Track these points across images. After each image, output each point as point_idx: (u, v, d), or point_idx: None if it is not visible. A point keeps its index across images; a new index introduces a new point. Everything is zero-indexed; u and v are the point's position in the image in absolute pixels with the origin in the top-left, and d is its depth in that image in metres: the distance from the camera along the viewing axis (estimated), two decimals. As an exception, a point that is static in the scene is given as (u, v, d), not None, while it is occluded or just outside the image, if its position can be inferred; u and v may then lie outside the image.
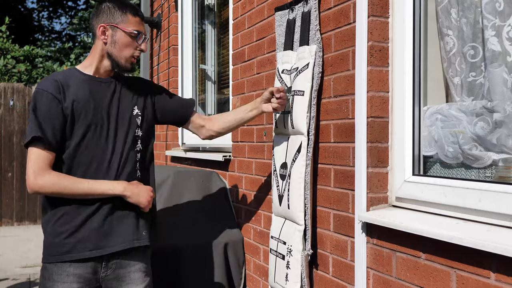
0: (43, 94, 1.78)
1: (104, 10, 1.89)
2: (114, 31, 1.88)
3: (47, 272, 1.81)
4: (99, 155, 1.84)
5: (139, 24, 1.92)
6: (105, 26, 1.87)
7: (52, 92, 1.78)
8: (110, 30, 1.88)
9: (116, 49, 1.88)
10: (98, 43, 1.89)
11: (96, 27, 1.89)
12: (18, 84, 6.20)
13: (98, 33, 1.88)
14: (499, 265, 1.24)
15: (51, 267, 1.80)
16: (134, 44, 1.90)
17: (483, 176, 1.52)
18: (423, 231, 1.43)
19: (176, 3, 4.19)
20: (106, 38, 1.88)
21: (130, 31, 1.89)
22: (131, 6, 1.93)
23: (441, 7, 1.68)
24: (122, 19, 1.88)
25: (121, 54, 1.89)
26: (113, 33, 1.88)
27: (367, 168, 1.71)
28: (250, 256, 2.65)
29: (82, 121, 1.82)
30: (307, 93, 1.96)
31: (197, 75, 4.14)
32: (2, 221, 6.58)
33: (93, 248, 1.82)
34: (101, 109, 1.86)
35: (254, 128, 2.62)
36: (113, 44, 1.88)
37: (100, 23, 1.88)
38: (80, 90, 1.84)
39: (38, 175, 1.74)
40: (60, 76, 1.85)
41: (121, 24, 1.88)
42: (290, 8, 2.17)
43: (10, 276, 4.60)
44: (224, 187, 2.93)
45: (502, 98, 1.44)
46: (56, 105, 1.78)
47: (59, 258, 1.79)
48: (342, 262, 1.84)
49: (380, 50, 1.73)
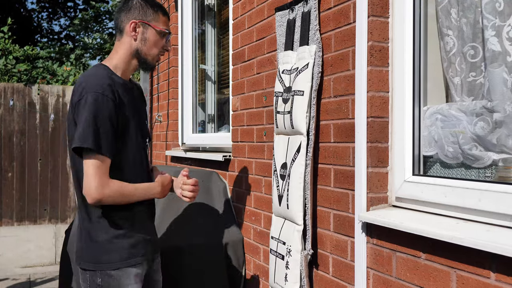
0: (104, 99, 1.70)
1: (136, 6, 1.86)
2: (145, 28, 1.86)
3: (113, 279, 1.78)
4: (137, 159, 1.87)
5: (167, 24, 1.94)
6: (137, 23, 1.84)
7: (111, 97, 1.72)
8: (141, 27, 1.85)
9: (146, 47, 1.87)
10: (126, 39, 1.86)
11: (126, 23, 1.85)
12: (18, 84, 6.19)
13: (128, 29, 1.85)
14: (499, 265, 1.24)
15: (117, 273, 1.78)
16: (161, 43, 1.91)
17: (483, 176, 1.52)
18: (423, 231, 1.42)
19: (176, 3, 4.18)
20: (136, 35, 1.85)
21: (161, 30, 1.89)
22: (160, 5, 1.94)
23: (441, 7, 1.68)
24: (153, 17, 1.87)
25: (150, 52, 1.88)
26: (144, 31, 1.86)
27: (367, 168, 1.71)
28: (250, 256, 2.65)
29: (130, 127, 1.82)
30: (306, 93, 1.96)
31: (197, 75, 4.14)
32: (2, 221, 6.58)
33: (153, 248, 1.94)
34: (137, 116, 1.89)
35: (254, 128, 2.62)
36: (143, 41, 1.87)
37: (131, 19, 1.85)
38: (124, 96, 1.81)
39: (105, 185, 1.69)
40: (108, 79, 1.76)
41: (152, 22, 1.87)
42: (290, 8, 2.17)
43: (10, 276, 4.60)
44: (224, 187, 2.93)
45: (502, 98, 1.44)
46: (114, 112, 1.73)
47: (127, 263, 1.79)
48: (342, 262, 1.84)
49: (380, 50, 1.73)
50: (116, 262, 1.78)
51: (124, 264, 1.79)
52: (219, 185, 2.92)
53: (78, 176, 1.79)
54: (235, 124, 2.86)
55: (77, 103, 1.72)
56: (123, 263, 1.78)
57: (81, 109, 1.70)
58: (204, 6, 4.11)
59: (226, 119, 3.57)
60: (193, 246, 2.54)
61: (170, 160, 4.20)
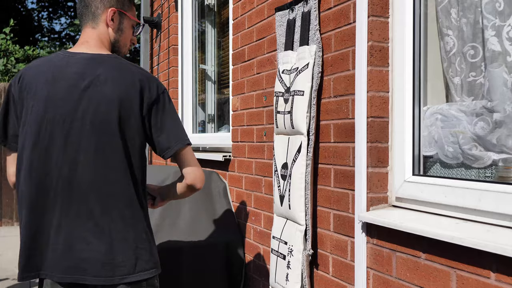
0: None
1: None
2: (122, 18, 1.73)
3: (156, 283, 1.65)
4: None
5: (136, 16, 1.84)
6: (115, 11, 1.70)
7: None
8: (118, 16, 1.72)
9: (122, 37, 1.76)
10: (103, 28, 1.69)
11: (103, 10, 1.68)
12: (18, 84, 6.20)
13: (106, 17, 1.68)
14: (499, 265, 1.24)
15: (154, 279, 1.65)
16: (131, 36, 1.81)
17: (483, 176, 1.52)
18: (423, 231, 1.43)
19: (176, 3, 4.19)
20: (114, 25, 1.71)
21: (136, 21, 1.80)
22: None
23: (441, 7, 1.68)
24: (129, 7, 1.77)
25: (125, 42, 1.78)
26: (122, 21, 1.73)
27: (367, 168, 1.71)
28: (250, 256, 2.65)
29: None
30: (307, 93, 1.96)
31: (197, 75, 4.14)
32: (2, 221, 6.58)
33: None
34: None
35: (254, 128, 2.62)
36: (120, 31, 1.74)
37: (111, 6, 1.69)
38: None
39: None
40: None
41: (129, 12, 1.76)
42: (290, 8, 2.17)
43: (10, 276, 4.60)
44: (224, 187, 2.93)
45: (502, 98, 1.44)
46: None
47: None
48: (342, 262, 1.84)
49: (380, 50, 1.73)
50: (158, 268, 1.65)
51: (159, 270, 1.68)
52: (219, 185, 2.92)
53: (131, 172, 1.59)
54: (235, 124, 2.86)
55: (156, 100, 1.61)
56: (159, 270, 1.67)
57: (166, 107, 1.63)
58: (204, 6, 4.11)
59: (226, 119, 3.57)
60: (193, 246, 2.54)
61: (170, 160, 4.20)
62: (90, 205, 1.54)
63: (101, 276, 1.53)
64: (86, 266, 1.52)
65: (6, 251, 5.64)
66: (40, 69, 1.61)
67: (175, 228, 2.59)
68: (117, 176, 1.56)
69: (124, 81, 1.58)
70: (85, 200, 1.54)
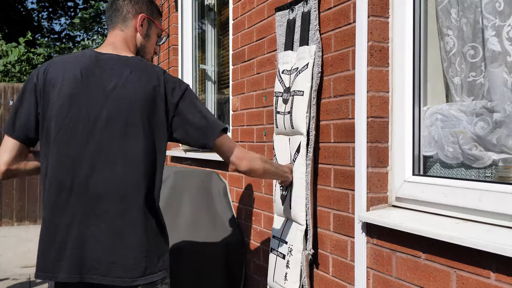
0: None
1: (144, 1, 1.76)
2: (150, 25, 1.78)
3: (169, 280, 1.68)
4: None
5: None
6: (145, 18, 1.75)
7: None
8: (147, 23, 1.76)
9: (149, 44, 1.79)
10: (132, 33, 1.73)
11: (134, 15, 1.73)
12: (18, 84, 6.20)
13: (135, 22, 1.73)
14: (499, 265, 1.24)
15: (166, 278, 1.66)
16: (155, 43, 1.84)
17: (483, 176, 1.52)
18: (423, 231, 1.43)
19: (176, 3, 4.19)
20: (142, 30, 1.75)
21: (162, 29, 1.85)
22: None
23: (441, 7, 1.68)
24: (157, 16, 1.82)
25: (150, 49, 1.81)
26: (149, 27, 1.77)
27: (367, 168, 1.71)
28: (250, 256, 2.65)
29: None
30: (306, 93, 1.96)
31: (197, 75, 4.14)
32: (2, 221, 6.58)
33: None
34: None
35: (254, 128, 2.62)
36: (147, 37, 1.78)
37: (141, 12, 1.74)
38: None
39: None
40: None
41: (156, 21, 1.81)
42: (290, 8, 2.17)
43: (10, 276, 4.60)
44: (224, 187, 2.93)
45: (502, 98, 1.44)
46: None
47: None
48: (342, 262, 1.84)
49: (380, 50, 1.73)
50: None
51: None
52: (219, 185, 2.92)
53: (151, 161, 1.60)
54: (235, 124, 2.86)
55: (181, 97, 1.65)
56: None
57: (193, 102, 1.70)
58: (204, 6, 4.11)
59: (226, 119, 3.57)
60: (193, 246, 2.54)
61: (170, 160, 4.20)
62: (105, 205, 1.53)
63: (112, 276, 1.53)
64: (97, 266, 1.52)
65: (6, 251, 5.63)
66: (67, 66, 1.62)
67: (175, 228, 2.59)
68: (135, 179, 1.56)
69: (149, 83, 1.60)
70: (100, 200, 1.53)
